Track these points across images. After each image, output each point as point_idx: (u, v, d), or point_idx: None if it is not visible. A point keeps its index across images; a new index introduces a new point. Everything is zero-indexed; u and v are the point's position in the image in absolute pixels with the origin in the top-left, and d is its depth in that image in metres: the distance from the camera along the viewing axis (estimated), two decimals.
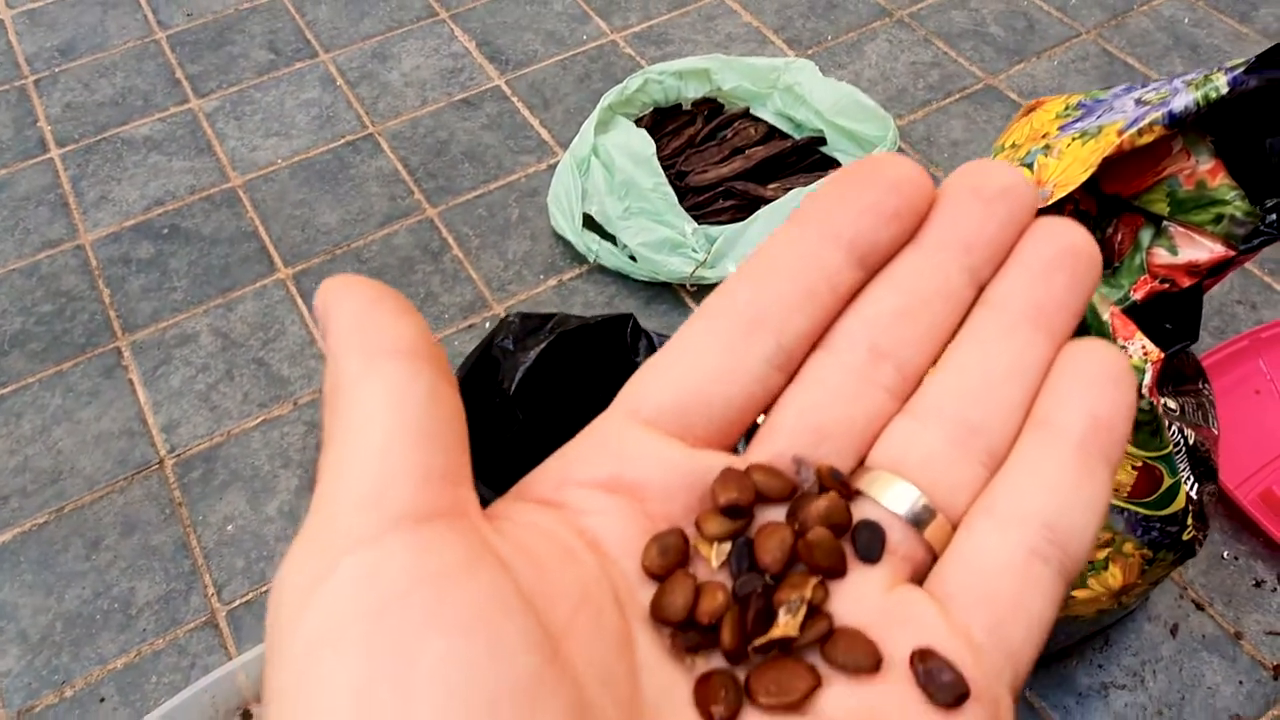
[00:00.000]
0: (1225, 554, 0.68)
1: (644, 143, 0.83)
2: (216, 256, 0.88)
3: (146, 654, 0.67)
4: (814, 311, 0.17)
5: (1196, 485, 0.52)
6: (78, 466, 0.75)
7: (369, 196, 0.92)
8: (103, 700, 0.65)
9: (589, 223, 0.85)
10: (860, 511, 0.16)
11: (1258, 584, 0.67)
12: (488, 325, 0.82)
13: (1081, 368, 0.16)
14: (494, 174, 0.93)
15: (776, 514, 0.16)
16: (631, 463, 0.16)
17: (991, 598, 0.15)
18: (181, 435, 0.77)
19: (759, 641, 0.15)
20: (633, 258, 0.82)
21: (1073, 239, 0.17)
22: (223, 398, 0.79)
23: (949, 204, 0.17)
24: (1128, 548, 0.50)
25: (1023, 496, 0.16)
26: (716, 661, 0.15)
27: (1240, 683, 0.63)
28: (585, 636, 0.14)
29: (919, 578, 0.16)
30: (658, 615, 0.15)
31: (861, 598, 0.16)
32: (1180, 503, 0.48)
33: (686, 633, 0.15)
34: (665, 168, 0.84)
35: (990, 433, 0.16)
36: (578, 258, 0.86)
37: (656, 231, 0.80)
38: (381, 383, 0.14)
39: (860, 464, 0.17)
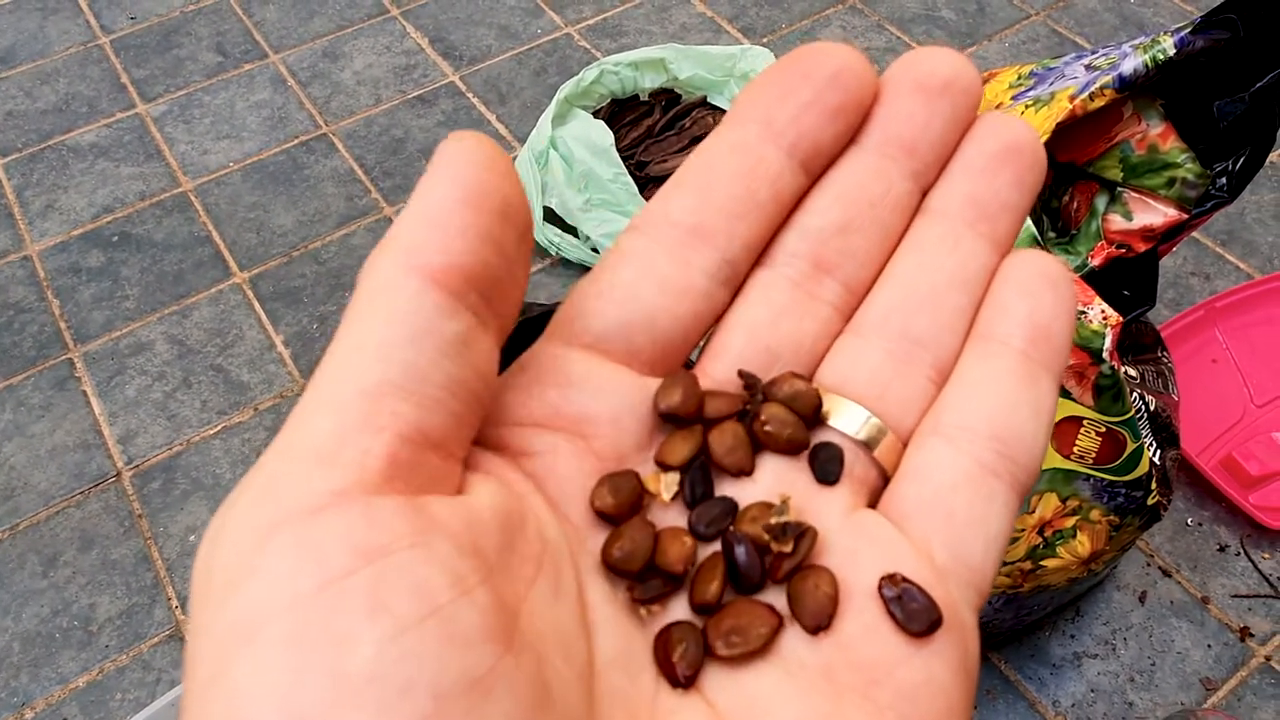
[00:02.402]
0: (1189, 521, 0.69)
1: (602, 134, 0.82)
2: (169, 263, 0.86)
3: (110, 671, 0.65)
4: (758, 219, 0.16)
5: (1159, 450, 0.53)
6: (31, 482, 0.73)
7: (325, 197, 0.90)
8: None
9: (550, 216, 0.84)
10: (811, 436, 0.16)
11: (1222, 548, 0.68)
12: None
13: (1021, 277, 0.16)
14: None
15: None
16: (575, 393, 0.15)
17: (948, 515, 0.15)
18: (139, 446, 0.75)
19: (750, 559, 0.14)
20: (595, 249, 0.81)
21: (1016, 135, 0.16)
22: (181, 406, 0.77)
23: (892, 100, 0.16)
24: (1095, 515, 0.50)
25: (969, 410, 0.15)
26: (675, 611, 0.14)
27: (1209, 646, 0.64)
28: (544, 605, 0.12)
29: (873, 500, 0.15)
30: (613, 564, 0.14)
31: (822, 525, 0.15)
32: (1144, 467, 0.48)
33: (646, 583, 0.14)
34: (624, 158, 0.84)
35: (936, 346, 0.16)
36: (539, 252, 0.85)
37: (618, 222, 0.80)
38: (400, 306, 0.12)
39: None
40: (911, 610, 0.13)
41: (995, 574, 0.15)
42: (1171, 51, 0.38)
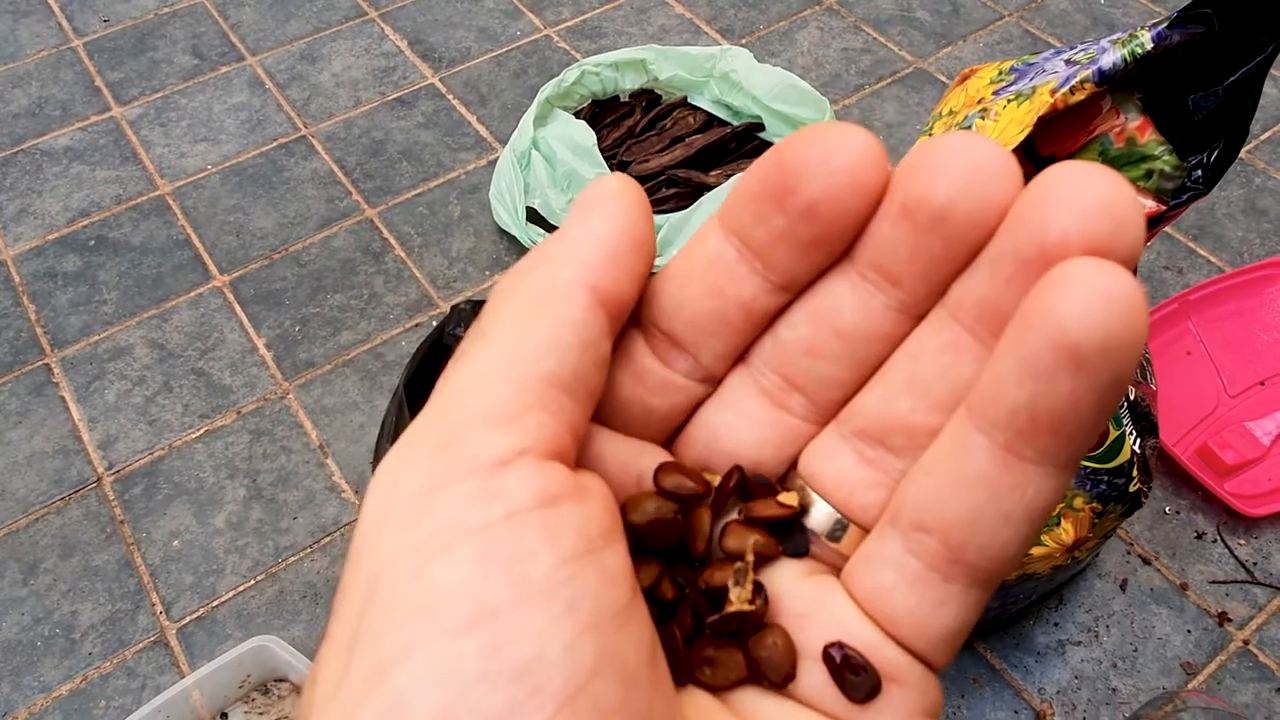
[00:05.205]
0: (1167, 509, 0.71)
1: (585, 134, 0.82)
2: (148, 266, 0.85)
3: (93, 678, 0.64)
4: (729, 334, 0.16)
5: (1139, 439, 0.54)
6: (10, 489, 0.72)
7: (305, 199, 0.90)
8: None
9: (532, 216, 0.84)
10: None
11: (1199, 536, 0.70)
12: (434, 324, 0.81)
13: (1026, 350, 0.13)
14: (433, 172, 0.92)
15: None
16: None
17: (898, 610, 0.15)
18: (120, 451, 0.74)
19: (713, 620, 0.15)
20: None
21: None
22: (162, 410, 0.76)
23: (882, 222, 0.15)
24: (1078, 503, 0.51)
25: (929, 510, 0.14)
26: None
27: (1189, 631, 0.66)
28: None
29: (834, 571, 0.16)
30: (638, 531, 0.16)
31: (781, 584, 0.16)
32: (1126, 455, 0.49)
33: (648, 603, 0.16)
34: (606, 159, 0.84)
35: (915, 449, 0.15)
36: (523, 252, 0.86)
37: None
38: (575, 316, 0.14)
39: (778, 480, 0.17)
40: (852, 681, 0.15)
41: (956, 649, 0.15)
42: (1149, 46, 0.39)
